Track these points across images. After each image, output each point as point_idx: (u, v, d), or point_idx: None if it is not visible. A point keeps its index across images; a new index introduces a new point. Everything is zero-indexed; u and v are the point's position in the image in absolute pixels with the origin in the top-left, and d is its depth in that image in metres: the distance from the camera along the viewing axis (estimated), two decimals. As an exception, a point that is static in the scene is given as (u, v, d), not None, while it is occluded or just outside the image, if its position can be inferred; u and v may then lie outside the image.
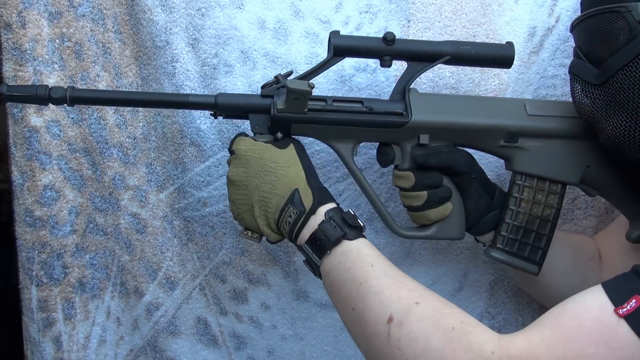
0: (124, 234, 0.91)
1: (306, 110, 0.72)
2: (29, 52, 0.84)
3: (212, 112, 0.76)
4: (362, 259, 0.64)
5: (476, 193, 0.77)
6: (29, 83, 0.85)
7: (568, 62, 0.91)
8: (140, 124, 0.89)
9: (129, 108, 0.88)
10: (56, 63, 0.86)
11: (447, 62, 0.75)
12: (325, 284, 0.68)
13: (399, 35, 0.88)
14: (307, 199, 0.69)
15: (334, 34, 0.74)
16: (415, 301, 0.59)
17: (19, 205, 0.88)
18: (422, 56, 0.75)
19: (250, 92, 0.87)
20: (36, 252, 0.89)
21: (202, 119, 0.87)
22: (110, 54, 0.87)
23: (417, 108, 0.75)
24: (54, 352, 0.92)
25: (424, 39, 0.88)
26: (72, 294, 0.91)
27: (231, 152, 0.74)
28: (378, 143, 0.78)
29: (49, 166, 0.88)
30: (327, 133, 0.75)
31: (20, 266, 0.90)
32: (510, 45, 0.77)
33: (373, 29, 0.88)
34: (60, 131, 0.88)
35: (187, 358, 0.93)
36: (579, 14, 0.90)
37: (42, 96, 0.69)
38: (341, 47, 0.73)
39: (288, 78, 0.74)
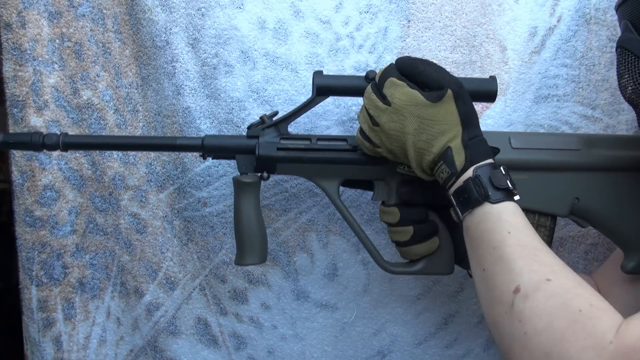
0: (124, 234, 0.91)
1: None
2: (28, 52, 0.84)
3: (201, 154, 0.78)
4: (501, 224, 0.62)
5: None
6: (29, 83, 0.85)
7: (570, 62, 0.91)
8: (140, 124, 0.89)
9: (129, 107, 0.88)
10: (56, 63, 0.86)
11: None
12: (465, 239, 0.67)
13: (399, 35, 0.88)
14: (459, 159, 0.66)
15: (317, 74, 0.75)
16: (546, 277, 0.58)
17: (19, 205, 0.88)
18: None
19: (250, 93, 0.87)
20: (36, 252, 0.89)
21: (202, 119, 0.87)
22: (110, 54, 0.87)
23: None
24: (54, 352, 0.92)
25: (424, 39, 0.88)
26: (72, 294, 0.91)
27: (382, 95, 0.69)
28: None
29: (48, 166, 0.88)
30: (312, 171, 0.77)
31: (20, 266, 0.90)
32: (493, 79, 0.76)
33: (373, 29, 0.87)
34: (60, 131, 0.88)
35: (187, 358, 0.93)
36: (580, 13, 0.90)
37: (36, 142, 0.74)
38: (324, 87, 0.75)
39: (274, 118, 0.77)
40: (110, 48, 0.87)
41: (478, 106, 0.88)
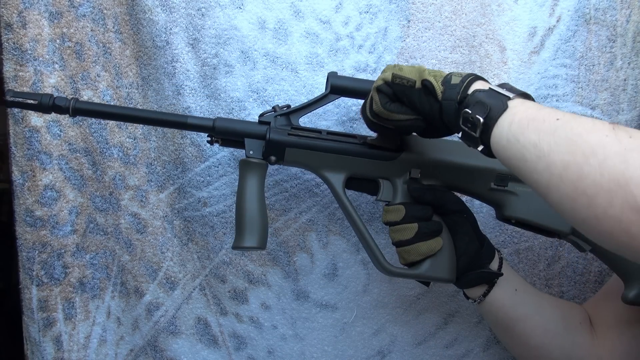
0: (124, 234, 0.91)
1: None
2: (29, 52, 0.84)
3: (209, 138, 0.78)
4: None
5: (467, 235, 0.76)
6: (30, 83, 0.85)
7: (570, 62, 0.91)
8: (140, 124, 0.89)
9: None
10: (57, 63, 0.86)
11: None
12: None
13: (399, 35, 0.88)
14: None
15: (332, 75, 0.78)
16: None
17: (19, 205, 0.88)
18: None
19: (250, 93, 0.87)
20: (36, 252, 0.89)
21: (202, 119, 0.87)
22: (110, 54, 0.88)
23: (410, 144, 0.77)
24: (54, 352, 0.92)
25: (424, 39, 0.88)
26: (72, 294, 0.91)
27: None
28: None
29: (49, 166, 0.88)
30: (320, 161, 0.76)
31: (20, 266, 0.90)
32: None
33: (373, 29, 0.88)
34: (60, 131, 0.88)
35: (187, 358, 0.93)
36: (579, 13, 0.90)
37: (45, 104, 0.71)
38: (338, 87, 0.77)
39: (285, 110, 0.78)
40: (110, 48, 0.87)
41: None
